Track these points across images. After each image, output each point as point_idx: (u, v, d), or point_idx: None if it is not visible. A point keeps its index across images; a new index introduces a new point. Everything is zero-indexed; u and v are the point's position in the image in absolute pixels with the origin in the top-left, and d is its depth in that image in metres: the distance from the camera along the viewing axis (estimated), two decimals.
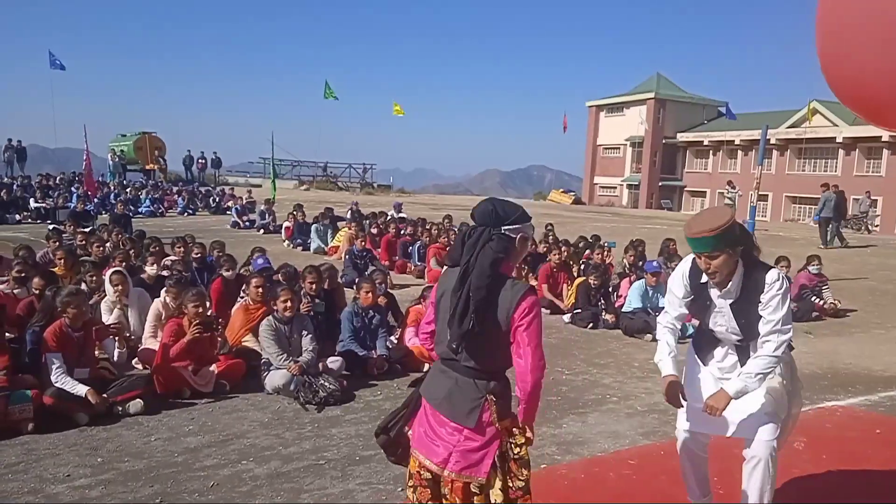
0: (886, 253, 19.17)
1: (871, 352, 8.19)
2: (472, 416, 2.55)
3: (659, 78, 51.37)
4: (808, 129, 39.30)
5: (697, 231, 3.07)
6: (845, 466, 4.59)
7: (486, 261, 2.51)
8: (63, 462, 4.38)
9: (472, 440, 2.56)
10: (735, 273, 3.15)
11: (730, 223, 3.04)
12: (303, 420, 5.31)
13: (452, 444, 2.57)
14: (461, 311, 2.50)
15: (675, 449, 4.48)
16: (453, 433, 2.58)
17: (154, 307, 6.68)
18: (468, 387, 2.58)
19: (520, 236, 2.61)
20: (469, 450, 2.56)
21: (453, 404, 2.59)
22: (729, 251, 3.07)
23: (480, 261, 2.52)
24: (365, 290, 6.84)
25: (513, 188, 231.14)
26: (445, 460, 2.58)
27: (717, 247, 3.05)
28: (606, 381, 6.64)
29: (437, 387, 2.68)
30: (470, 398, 2.57)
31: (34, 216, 18.91)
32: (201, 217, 22.15)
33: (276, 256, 11.24)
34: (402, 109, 37.44)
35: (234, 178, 39.44)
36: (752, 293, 3.12)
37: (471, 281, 2.50)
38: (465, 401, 2.57)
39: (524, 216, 2.64)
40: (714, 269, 3.10)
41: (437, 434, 2.62)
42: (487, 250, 2.53)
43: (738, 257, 3.13)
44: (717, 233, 3.02)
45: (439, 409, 2.62)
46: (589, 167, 54.47)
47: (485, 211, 2.61)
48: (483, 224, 2.60)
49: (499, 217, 2.58)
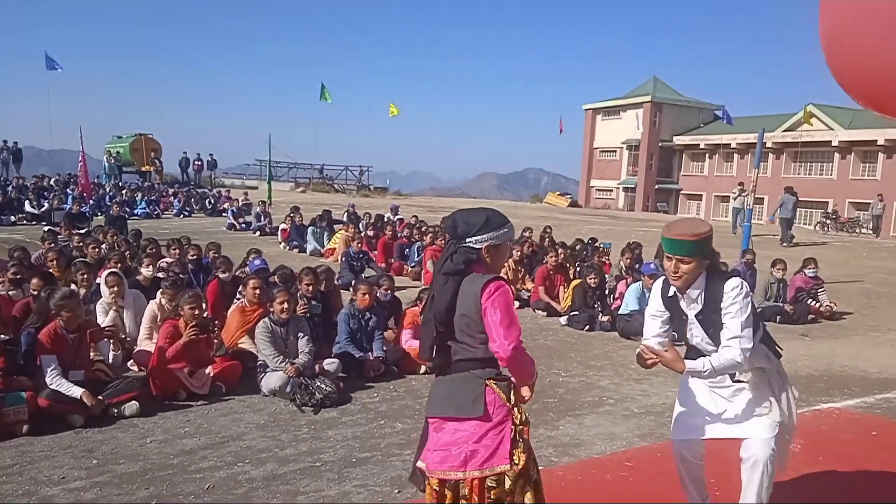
0: (882, 256, 19.23)
1: (867, 354, 8.21)
2: (478, 404, 2.56)
3: (655, 81, 51.44)
4: (804, 133, 39.41)
5: (678, 233, 3.11)
6: (842, 468, 4.59)
7: (447, 270, 2.61)
8: (58, 464, 4.36)
9: (484, 430, 2.55)
10: (696, 283, 3.18)
11: (710, 233, 3.14)
12: (299, 422, 5.30)
13: (465, 440, 2.56)
14: (425, 319, 2.64)
15: (671, 451, 4.48)
16: (463, 430, 2.57)
17: (150, 309, 6.66)
18: (465, 380, 2.61)
19: (486, 245, 2.64)
20: (484, 441, 2.55)
21: (454, 401, 2.61)
22: (700, 260, 3.12)
23: (442, 272, 2.63)
24: (362, 291, 6.83)
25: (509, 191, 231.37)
26: (465, 461, 2.55)
27: (693, 253, 3.09)
28: (603, 383, 6.64)
29: (435, 396, 2.71)
30: (471, 389, 2.59)
31: (29, 218, 18.86)
32: (197, 219, 22.11)
33: (273, 258, 11.22)
34: (397, 109, 37.42)
35: (230, 180, 39.38)
36: (714, 302, 3.15)
37: (434, 287, 2.64)
38: (466, 393, 2.59)
39: (489, 224, 2.65)
40: (681, 273, 3.13)
41: (447, 442, 2.60)
42: (448, 263, 2.62)
43: (705, 269, 3.17)
44: (698, 239, 3.08)
45: (443, 412, 2.63)
46: (585, 170, 54.51)
47: (448, 226, 2.71)
48: (451, 238, 2.70)
49: (459, 232, 2.65)
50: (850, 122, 38.49)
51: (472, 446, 2.55)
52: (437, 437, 2.64)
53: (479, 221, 2.65)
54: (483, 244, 2.63)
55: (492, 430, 2.56)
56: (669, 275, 3.19)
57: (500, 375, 2.64)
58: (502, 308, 2.53)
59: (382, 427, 5.24)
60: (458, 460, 2.55)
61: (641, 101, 49.42)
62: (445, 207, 28.71)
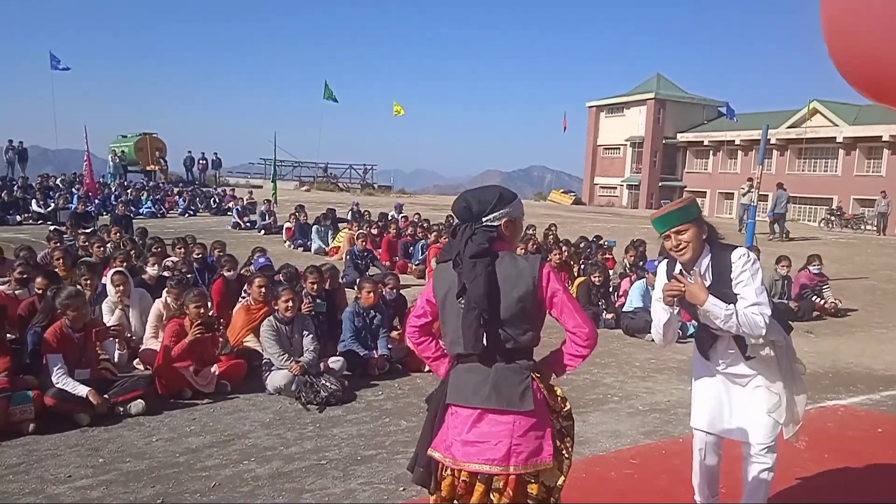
0: (887, 252, 19.17)
1: (873, 351, 8.19)
2: (527, 398, 2.46)
3: (659, 78, 51.33)
4: (808, 129, 39.29)
5: (663, 210, 3.18)
6: (847, 465, 4.59)
7: (472, 251, 2.49)
8: (64, 463, 4.38)
9: (528, 424, 2.47)
10: (703, 256, 3.17)
11: (692, 199, 3.21)
12: (304, 420, 5.31)
13: (508, 435, 2.46)
14: (466, 310, 2.46)
15: (676, 448, 4.48)
16: (507, 424, 2.47)
17: (155, 308, 6.68)
18: (509, 371, 2.50)
19: (504, 221, 2.56)
20: (528, 436, 2.46)
21: (502, 393, 2.48)
22: (696, 225, 3.12)
23: (466, 255, 2.50)
24: (366, 290, 6.84)
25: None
26: (507, 455, 2.45)
27: (683, 219, 3.11)
28: (608, 380, 6.64)
29: (473, 385, 2.53)
30: (517, 381, 2.48)
31: (35, 217, 18.92)
32: (202, 218, 22.15)
33: (277, 257, 11.24)
34: (402, 109, 37.40)
35: (234, 179, 39.44)
36: (722, 274, 3.12)
37: (463, 277, 2.48)
38: (512, 385, 2.48)
39: (503, 200, 2.57)
40: (683, 245, 3.12)
41: (486, 433, 2.49)
42: (471, 246, 2.50)
43: (705, 237, 3.16)
44: (684, 205, 3.13)
45: (487, 403, 2.48)
46: (589, 168, 54.44)
47: (460, 209, 2.58)
48: (464, 221, 2.58)
49: (474, 212, 2.55)
50: (855, 119, 38.35)
51: (517, 440, 2.45)
52: (472, 428, 2.50)
53: (493, 198, 2.56)
54: (501, 220, 2.55)
55: (536, 425, 2.48)
56: (673, 252, 3.19)
57: (538, 367, 2.57)
58: (565, 288, 2.51)
59: (387, 425, 5.25)
60: (500, 454, 2.44)
61: (645, 99, 49.31)
62: (449, 205, 28.70)
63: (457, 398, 2.56)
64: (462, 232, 2.56)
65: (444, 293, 2.62)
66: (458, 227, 2.61)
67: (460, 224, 2.60)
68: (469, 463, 2.48)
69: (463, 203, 2.58)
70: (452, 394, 2.58)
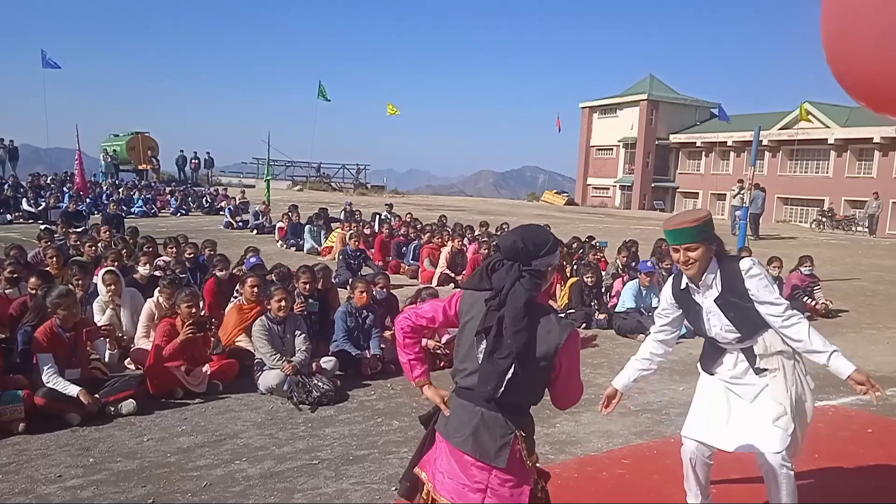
0: (878, 253, 19.28)
1: (863, 352, 8.23)
2: (503, 455, 2.40)
3: (652, 79, 51.47)
4: (800, 131, 39.47)
5: (679, 223, 3.16)
6: (837, 466, 4.62)
7: (520, 301, 2.37)
8: (54, 462, 4.36)
9: (504, 483, 2.42)
10: (710, 268, 3.19)
11: (709, 217, 3.18)
12: (296, 420, 5.30)
13: (483, 482, 2.43)
14: (499, 354, 2.37)
15: (668, 448, 4.49)
16: (482, 473, 2.43)
17: (147, 307, 6.65)
18: (495, 422, 2.43)
19: (549, 268, 2.50)
20: (505, 490, 2.42)
21: (480, 442, 2.42)
22: (706, 244, 3.15)
23: (514, 301, 2.38)
24: (359, 289, 6.83)
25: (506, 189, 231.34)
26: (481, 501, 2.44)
27: (696, 238, 3.13)
28: (599, 380, 6.65)
29: (458, 423, 2.49)
30: (498, 434, 2.42)
31: (26, 216, 18.81)
32: (194, 217, 22.08)
33: (270, 257, 11.21)
34: (396, 109, 37.36)
35: (227, 178, 39.31)
36: (732, 284, 3.15)
37: (506, 324, 2.37)
38: (492, 437, 2.42)
39: (553, 247, 2.50)
40: (692, 261, 3.15)
41: (464, 476, 2.46)
42: (519, 289, 2.39)
43: (713, 253, 3.19)
44: (699, 224, 3.12)
45: (463, 447, 2.45)
46: (582, 168, 54.55)
47: (513, 247, 2.46)
48: (511, 259, 2.46)
49: (528, 253, 2.44)
50: (846, 120, 38.56)
51: (493, 492, 2.43)
52: (452, 466, 2.48)
53: (546, 244, 2.48)
54: (547, 266, 2.48)
55: (513, 481, 2.43)
56: (680, 265, 3.21)
57: (528, 426, 2.50)
58: (578, 367, 2.51)
59: (379, 425, 5.25)
60: (474, 500, 2.44)
61: (638, 100, 49.45)
62: (442, 205, 28.70)
63: (442, 430, 2.55)
64: (508, 271, 2.45)
65: (467, 320, 2.53)
66: (500, 263, 2.50)
67: (505, 261, 2.48)
68: (443, 494, 2.48)
69: (519, 242, 2.46)
70: (441, 423, 2.57)
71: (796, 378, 3.28)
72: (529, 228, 2.58)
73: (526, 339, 2.35)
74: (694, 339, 8.71)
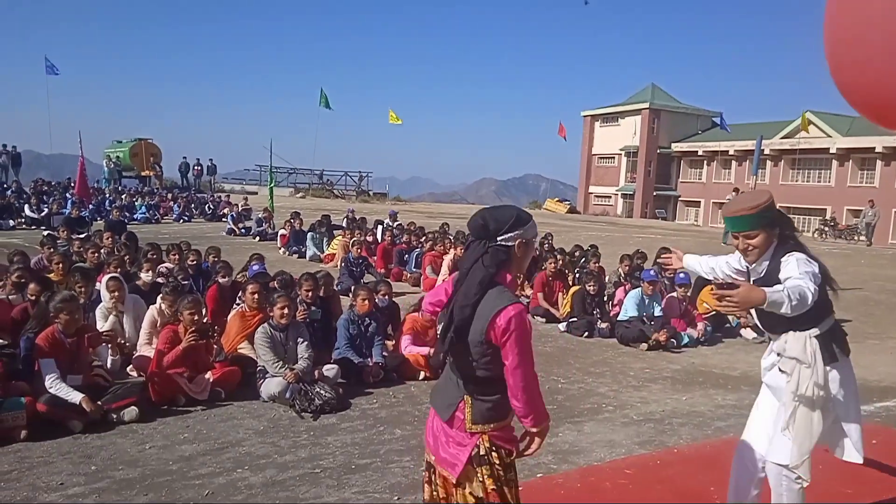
0: (880, 263, 19.25)
1: (866, 362, 8.20)
2: (448, 412, 2.60)
3: (653, 88, 51.58)
4: (801, 140, 39.52)
5: (736, 209, 3.10)
6: (841, 477, 4.59)
7: (476, 278, 2.49)
8: (56, 470, 4.35)
9: (448, 437, 2.60)
10: (766, 254, 3.12)
11: (768, 202, 3.06)
12: (298, 428, 5.29)
13: (437, 435, 2.65)
14: (445, 325, 2.55)
15: (671, 458, 4.48)
16: (440, 424, 2.65)
17: (149, 314, 6.65)
18: (451, 384, 2.64)
19: (518, 242, 2.54)
20: (448, 445, 2.60)
21: (438, 397, 2.71)
22: (767, 231, 3.08)
23: (470, 277, 2.50)
24: (361, 297, 6.83)
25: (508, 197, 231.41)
26: (435, 449, 2.65)
27: (755, 226, 3.06)
28: (602, 389, 6.64)
29: (437, 382, 2.82)
30: (450, 394, 2.62)
31: (28, 222, 18.85)
32: (197, 224, 22.12)
33: (272, 264, 11.21)
34: (398, 117, 37.45)
35: (229, 185, 39.40)
36: (773, 272, 3.07)
37: (457, 299, 2.51)
38: (446, 396, 2.64)
39: (519, 221, 2.55)
40: (752, 248, 3.10)
41: (431, 426, 2.71)
42: (479, 266, 2.50)
43: (775, 238, 3.11)
44: (756, 211, 3.05)
45: (431, 402, 2.75)
46: (584, 176, 54.62)
47: (476, 225, 2.56)
48: (478, 238, 2.56)
49: (490, 230, 2.53)
50: (848, 130, 38.58)
51: (441, 442, 2.63)
52: (431, 424, 2.72)
53: (510, 218, 2.55)
54: (515, 241, 2.54)
55: (455, 441, 2.58)
56: (741, 252, 3.18)
57: (480, 394, 2.55)
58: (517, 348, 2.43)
59: (382, 433, 5.24)
60: (432, 448, 2.67)
61: (640, 108, 49.55)
62: (445, 213, 28.72)
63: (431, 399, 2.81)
64: (475, 248, 2.56)
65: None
66: (470, 243, 2.61)
67: (474, 240, 2.58)
68: (428, 451, 2.71)
69: (480, 220, 2.56)
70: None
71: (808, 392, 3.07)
72: (493, 208, 2.67)
73: (467, 315, 2.48)
74: (696, 349, 8.73)
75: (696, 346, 8.87)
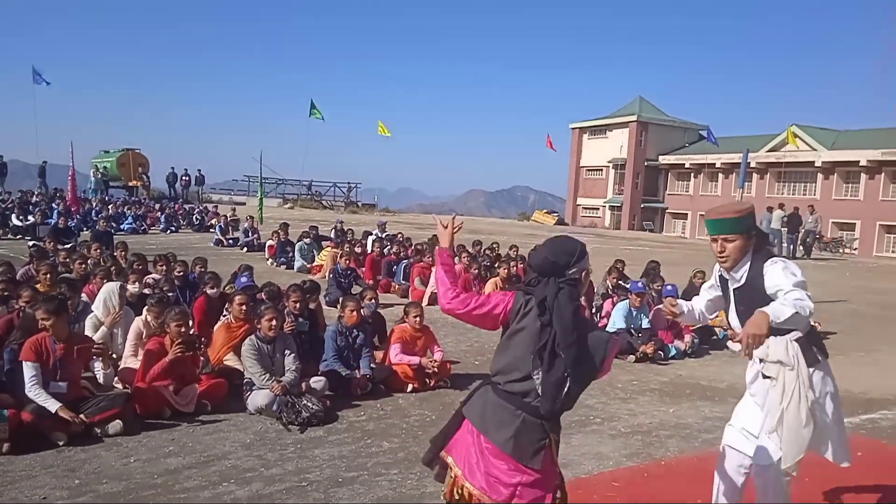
0: (866, 276, 19.41)
1: (853, 374, 8.25)
2: (538, 458, 2.53)
3: (641, 101, 51.99)
4: (787, 153, 39.89)
5: (720, 212, 3.19)
6: (827, 489, 4.61)
7: (567, 314, 2.46)
8: (39, 484, 4.29)
9: (534, 483, 2.53)
10: (743, 264, 3.22)
11: (750, 210, 3.20)
12: (285, 441, 5.26)
13: (515, 483, 2.53)
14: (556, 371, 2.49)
15: (658, 471, 4.49)
16: (515, 473, 2.53)
17: (135, 326, 6.58)
18: (535, 427, 2.56)
19: (584, 274, 2.60)
20: (534, 490, 2.53)
21: (520, 445, 2.54)
22: (745, 236, 3.18)
23: (560, 315, 2.46)
24: (349, 308, 6.81)
25: (496, 208, 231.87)
26: (510, 497, 2.53)
27: (735, 229, 3.16)
28: (590, 402, 6.64)
29: (498, 422, 2.59)
30: (536, 439, 2.54)
31: (14, 232, 18.69)
32: (184, 234, 22.00)
33: (260, 275, 11.15)
34: (387, 129, 37.52)
35: (217, 195, 39.27)
36: (754, 279, 3.16)
37: (558, 340, 2.45)
38: (531, 441, 2.55)
39: (582, 253, 2.59)
40: (728, 253, 3.20)
41: (495, 470, 2.55)
42: (563, 302, 2.47)
43: (752, 246, 3.20)
44: (739, 216, 3.16)
45: (504, 447, 2.55)
46: (572, 188, 54.87)
47: (545, 263, 2.56)
48: (545, 275, 2.55)
49: (559, 267, 2.54)
50: (833, 143, 39.00)
51: (522, 489, 2.53)
52: (485, 458, 2.58)
53: (575, 251, 2.57)
54: (581, 273, 2.57)
55: (541, 482, 2.55)
56: (716, 256, 3.26)
57: (559, 431, 2.64)
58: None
59: (369, 446, 5.21)
60: (504, 496, 2.53)
61: (627, 121, 49.91)
62: (433, 225, 28.68)
63: (478, 423, 2.61)
64: (546, 286, 2.54)
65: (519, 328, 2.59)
66: (537, 281, 2.58)
67: (540, 277, 2.57)
68: (472, 483, 2.57)
69: (550, 257, 2.55)
70: (475, 415, 2.63)
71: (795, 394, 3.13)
72: (556, 241, 2.65)
73: (576, 355, 2.46)
74: (683, 361, 8.75)
75: (684, 358, 8.90)
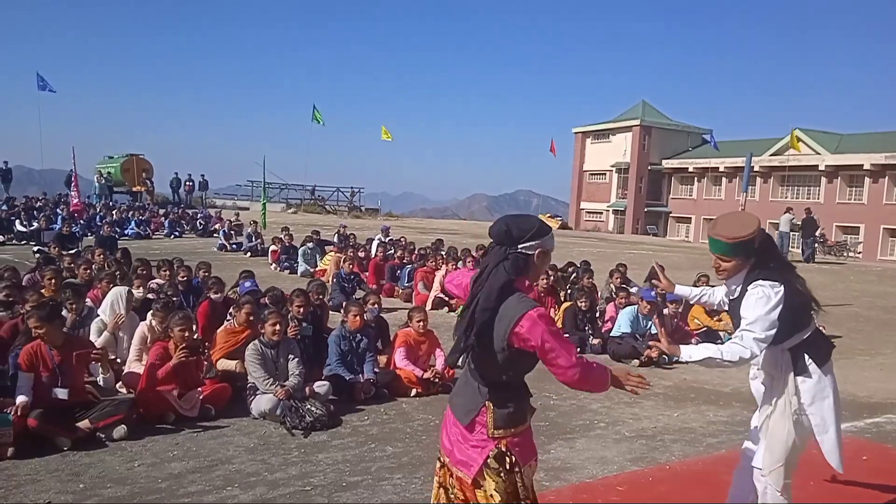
0: (870, 280, 19.37)
1: (856, 378, 8.23)
2: (468, 418, 2.62)
3: (644, 105, 52.01)
4: (790, 157, 39.86)
5: (718, 233, 3.21)
6: (831, 494, 4.59)
7: (497, 282, 2.53)
8: (44, 488, 4.30)
9: (466, 441, 2.62)
10: (737, 278, 3.28)
11: (750, 236, 3.15)
12: (289, 445, 5.26)
13: (453, 437, 2.67)
14: (465, 328, 2.56)
15: (663, 475, 4.47)
16: (456, 427, 2.67)
17: (139, 330, 6.61)
18: (472, 389, 2.66)
19: (538, 252, 2.59)
20: (464, 447, 2.62)
21: (458, 402, 2.71)
22: (741, 260, 3.21)
23: (490, 282, 2.54)
24: (353, 313, 6.81)
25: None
26: (450, 451, 2.68)
27: (729, 253, 3.21)
28: (594, 406, 6.63)
29: (456, 385, 2.85)
30: (471, 400, 2.64)
31: (19, 237, 18.75)
32: (188, 239, 22.05)
33: (263, 279, 11.18)
34: (390, 134, 37.60)
35: (221, 200, 39.34)
36: (741, 298, 3.21)
37: (478, 301, 2.53)
38: (466, 401, 2.66)
39: (541, 231, 2.61)
40: (722, 269, 3.28)
41: (447, 428, 2.73)
42: (500, 271, 2.55)
43: (748, 266, 3.23)
44: (734, 242, 3.17)
45: (449, 403, 2.77)
46: (575, 192, 54.87)
47: (499, 231, 2.60)
48: (499, 244, 2.60)
49: (513, 237, 2.57)
50: (837, 147, 38.96)
51: (457, 444, 2.66)
52: (446, 424, 2.75)
53: (532, 227, 2.60)
54: (535, 250, 2.58)
55: (472, 444, 2.61)
56: (714, 269, 3.34)
57: (501, 402, 2.60)
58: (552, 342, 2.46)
59: (373, 451, 5.21)
60: (447, 448, 2.71)
61: (631, 125, 49.93)
62: (437, 229, 28.75)
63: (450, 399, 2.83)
64: (496, 253, 2.61)
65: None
66: (491, 248, 2.66)
67: (495, 245, 2.63)
68: (443, 453, 2.73)
69: (503, 226, 2.60)
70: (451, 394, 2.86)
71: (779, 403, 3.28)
72: (516, 216, 2.71)
73: (489, 318, 2.51)
74: (687, 366, 8.72)
75: (687, 363, 8.86)
